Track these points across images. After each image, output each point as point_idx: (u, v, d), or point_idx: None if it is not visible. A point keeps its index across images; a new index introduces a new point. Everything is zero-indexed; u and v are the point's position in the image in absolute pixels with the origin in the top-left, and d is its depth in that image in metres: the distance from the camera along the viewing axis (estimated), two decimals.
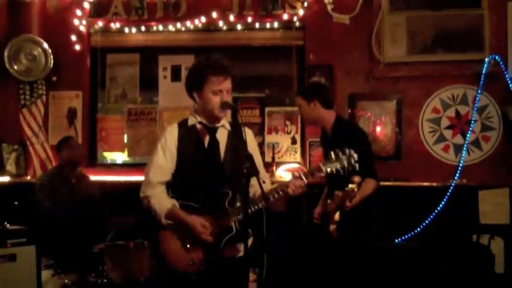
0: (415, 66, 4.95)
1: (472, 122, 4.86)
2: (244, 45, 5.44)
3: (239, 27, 5.35)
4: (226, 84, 2.72)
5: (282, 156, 5.28)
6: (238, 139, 2.69)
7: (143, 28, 5.49)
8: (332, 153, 2.68)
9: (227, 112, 2.78)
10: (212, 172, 2.76)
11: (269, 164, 5.01)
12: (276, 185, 2.71)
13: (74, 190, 4.66)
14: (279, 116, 5.36)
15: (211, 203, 2.71)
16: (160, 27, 5.46)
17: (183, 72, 5.50)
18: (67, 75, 5.51)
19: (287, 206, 2.80)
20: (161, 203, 2.74)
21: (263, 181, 2.62)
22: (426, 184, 4.78)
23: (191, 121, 2.85)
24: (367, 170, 3.31)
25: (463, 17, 4.83)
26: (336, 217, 3.29)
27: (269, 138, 5.34)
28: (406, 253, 4.36)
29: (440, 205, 4.65)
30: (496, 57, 4.76)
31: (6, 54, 5.28)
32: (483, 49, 4.78)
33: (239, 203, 2.71)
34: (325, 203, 3.59)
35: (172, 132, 2.83)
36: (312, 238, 3.69)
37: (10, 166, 5.30)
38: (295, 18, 5.22)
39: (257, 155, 2.80)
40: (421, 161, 4.92)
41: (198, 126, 2.83)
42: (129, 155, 5.62)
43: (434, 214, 4.65)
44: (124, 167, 5.55)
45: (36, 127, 5.36)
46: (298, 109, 3.78)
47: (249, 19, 5.28)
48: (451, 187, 4.69)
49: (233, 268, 2.73)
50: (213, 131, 2.82)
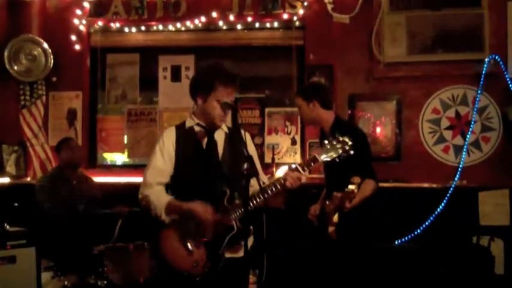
0: (415, 66, 4.94)
1: (472, 123, 4.85)
2: (244, 45, 5.43)
3: (239, 27, 5.35)
4: (232, 96, 2.75)
5: (282, 157, 5.27)
6: (236, 140, 2.70)
7: (143, 28, 5.49)
8: (326, 142, 2.71)
9: (226, 120, 2.79)
10: (210, 172, 2.77)
11: (269, 165, 5.00)
12: (274, 180, 2.71)
13: (74, 191, 4.65)
14: (279, 117, 5.35)
15: (210, 203, 2.71)
16: (160, 27, 5.46)
17: (183, 72, 5.51)
18: (67, 75, 5.50)
19: (286, 203, 2.80)
20: (159, 199, 2.74)
21: (263, 182, 2.64)
22: (426, 185, 4.77)
23: (189, 123, 2.87)
24: (366, 171, 3.33)
25: (463, 17, 4.81)
26: (335, 219, 3.26)
27: (269, 139, 5.34)
28: (406, 254, 4.36)
29: (440, 206, 4.64)
30: (496, 57, 4.75)
31: (6, 54, 5.27)
32: (483, 49, 4.77)
33: (238, 201, 2.71)
34: (323, 204, 3.59)
35: (169, 134, 2.85)
36: (312, 240, 3.68)
37: (10, 167, 5.29)
38: (295, 18, 5.21)
39: (255, 158, 2.80)
40: (421, 162, 4.91)
41: (196, 128, 2.84)
42: (129, 156, 5.62)
43: (434, 215, 4.64)
44: (124, 168, 5.55)
45: (36, 128, 5.35)
46: (297, 109, 3.78)
47: (249, 19, 5.28)
48: (451, 188, 4.68)
49: (234, 268, 2.73)
50: (211, 132, 2.83)
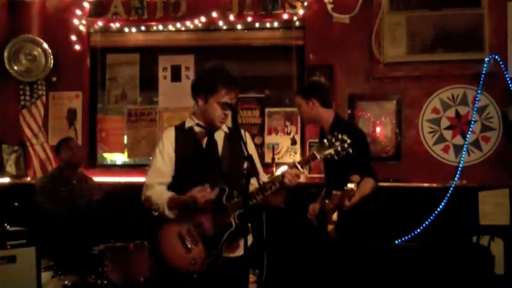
0: (415, 66, 4.94)
1: (472, 123, 4.85)
2: (244, 45, 5.43)
3: (239, 27, 5.35)
4: (234, 99, 2.75)
5: (282, 157, 5.27)
6: (236, 140, 2.70)
7: (143, 28, 5.50)
8: (325, 140, 2.71)
9: (226, 121, 2.80)
10: (210, 170, 2.77)
11: (269, 165, 5.00)
12: (273, 177, 2.72)
13: (75, 192, 4.64)
14: (279, 117, 5.35)
15: (210, 200, 2.70)
16: (160, 27, 5.46)
17: (183, 72, 5.51)
18: (67, 75, 5.51)
19: (286, 202, 2.80)
20: (161, 196, 2.75)
21: (263, 182, 2.64)
22: (426, 185, 4.77)
23: (188, 123, 2.87)
24: (365, 170, 3.33)
25: (463, 17, 4.82)
26: (334, 217, 3.27)
27: (269, 139, 5.34)
28: (406, 254, 4.35)
29: (440, 206, 4.64)
30: (496, 57, 4.75)
31: (6, 54, 5.28)
32: (483, 49, 4.78)
33: (237, 199, 2.71)
34: (323, 203, 3.59)
35: (169, 135, 2.86)
36: (312, 239, 3.68)
37: (10, 167, 5.29)
38: (295, 18, 5.21)
39: (255, 157, 2.80)
40: (421, 162, 4.91)
41: (196, 128, 2.85)
42: (129, 156, 5.62)
43: (434, 215, 4.63)
44: (124, 168, 5.55)
45: (36, 128, 5.35)
46: (297, 108, 3.79)
47: (249, 19, 5.28)
48: (451, 188, 4.68)
49: (233, 268, 2.74)
50: (211, 132, 2.84)
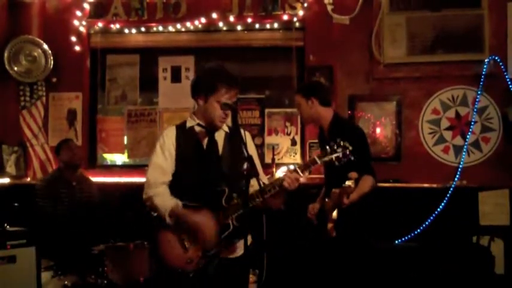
0: (415, 67, 4.95)
1: (472, 123, 4.85)
2: (244, 46, 5.44)
3: (239, 28, 5.35)
4: (234, 98, 2.75)
5: (282, 157, 5.28)
6: (236, 140, 2.69)
7: (143, 29, 5.49)
8: (327, 146, 2.72)
9: (226, 121, 2.79)
10: (210, 170, 2.78)
11: (269, 166, 5.00)
12: (273, 180, 2.73)
13: (75, 192, 4.63)
14: (279, 117, 5.35)
15: (208, 201, 2.72)
16: (160, 28, 5.46)
17: (183, 73, 5.51)
18: (67, 76, 5.50)
19: (285, 203, 2.81)
20: (165, 202, 2.75)
21: (263, 182, 2.64)
22: (426, 185, 4.77)
23: (189, 123, 2.87)
24: (364, 167, 3.32)
25: (463, 18, 4.82)
26: (334, 215, 3.28)
27: (269, 139, 5.34)
28: (406, 254, 4.36)
29: (440, 206, 4.64)
30: (496, 57, 4.76)
31: (6, 55, 5.27)
32: (483, 50, 4.78)
33: (236, 200, 2.71)
34: (322, 202, 3.59)
35: (170, 133, 2.86)
36: (311, 239, 3.68)
37: (10, 168, 5.28)
38: (295, 19, 5.21)
39: (255, 158, 2.80)
40: (421, 163, 4.91)
41: (197, 128, 2.85)
42: (129, 157, 5.62)
43: (434, 215, 4.64)
44: (124, 169, 5.55)
45: (36, 128, 5.34)
46: (297, 107, 3.79)
47: (249, 20, 5.28)
48: (451, 188, 4.68)
49: (232, 268, 2.74)
50: (212, 133, 2.84)
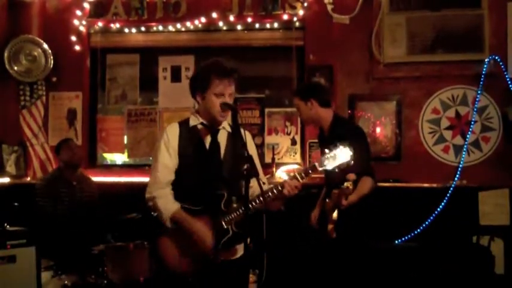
0: (415, 66, 4.94)
1: (472, 123, 4.85)
2: (244, 45, 5.43)
3: (239, 27, 5.35)
4: (229, 88, 2.72)
5: (282, 157, 5.27)
6: (237, 140, 2.68)
7: (143, 28, 5.49)
8: (327, 151, 2.70)
9: (228, 115, 2.75)
10: (211, 173, 2.76)
11: (269, 165, 5.00)
12: (272, 186, 2.72)
13: (75, 192, 4.63)
14: (279, 117, 5.35)
15: (207, 204, 2.71)
16: (160, 27, 5.46)
17: (183, 72, 5.51)
18: (67, 75, 5.51)
19: (285, 205, 2.80)
20: (167, 205, 2.73)
21: (263, 182, 2.63)
22: (426, 185, 4.77)
23: (193, 121, 2.83)
24: (363, 168, 3.31)
25: (463, 17, 4.82)
26: (334, 216, 3.28)
27: (269, 139, 5.33)
28: (406, 254, 4.36)
29: (440, 206, 4.64)
30: (496, 57, 4.75)
31: (6, 54, 5.27)
32: (483, 49, 4.78)
33: (235, 205, 2.71)
34: (323, 204, 3.59)
35: (173, 130, 2.81)
36: (312, 239, 3.68)
37: (10, 167, 5.28)
38: (295, 18, 5.21)
39: (255, 158, 2.79)
40: (421, 162, 4.91)
41: (200, 127, 2.82)
42: (129, 156, 5.61)
43: (434, 215, 4.63)
44: (124, 168, 5.55)
45: (36, 128, 5.34)
46: (296, 110, 3.78)
47: (249, 19, 5.28)
48: (451, 188, 4.68)
49: (231, 270, 2.73)
50: (215, 133, 2.82)
